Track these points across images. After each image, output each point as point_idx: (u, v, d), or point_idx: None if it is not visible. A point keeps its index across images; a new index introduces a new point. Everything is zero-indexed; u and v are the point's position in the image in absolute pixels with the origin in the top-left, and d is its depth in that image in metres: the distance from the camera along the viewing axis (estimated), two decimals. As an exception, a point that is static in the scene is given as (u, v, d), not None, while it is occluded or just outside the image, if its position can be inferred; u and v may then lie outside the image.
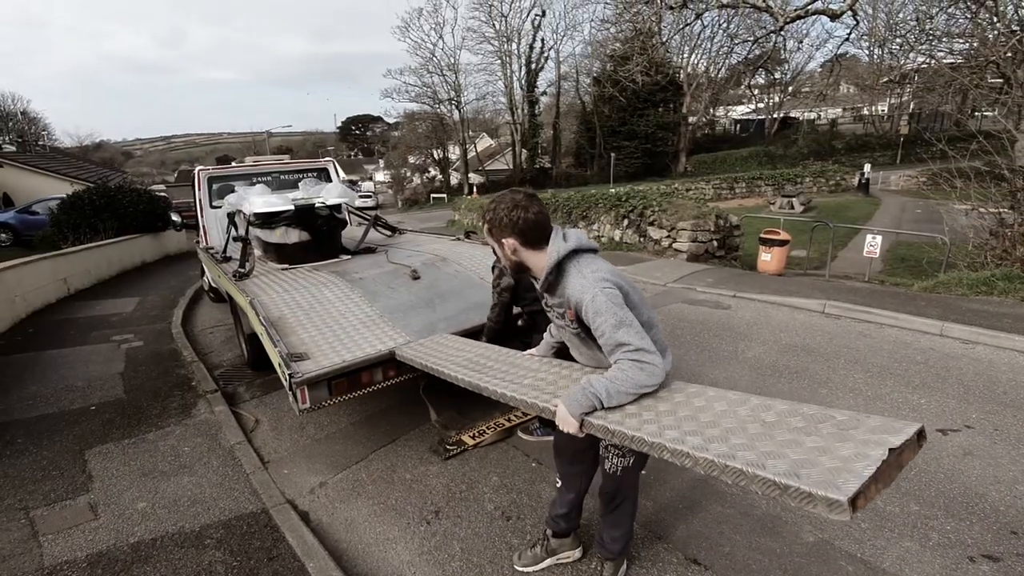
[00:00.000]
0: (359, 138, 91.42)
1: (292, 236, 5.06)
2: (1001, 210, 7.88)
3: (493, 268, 3.32)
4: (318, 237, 5.19)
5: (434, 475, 3.27)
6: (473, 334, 3.67)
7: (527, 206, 1.85)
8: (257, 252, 5.35)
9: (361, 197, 31.74)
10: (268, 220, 5.02)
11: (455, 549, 2.61)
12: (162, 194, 17.83)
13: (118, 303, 8.52)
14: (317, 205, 5.09)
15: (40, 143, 39.20)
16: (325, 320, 3.66)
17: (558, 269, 1.85)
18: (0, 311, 6.85)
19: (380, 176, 61.26)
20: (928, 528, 2.58)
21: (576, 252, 1.85)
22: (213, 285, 7.79)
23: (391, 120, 59.63)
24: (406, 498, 3.08)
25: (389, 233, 6.88)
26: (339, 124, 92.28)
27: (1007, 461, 3.09)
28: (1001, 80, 12.43)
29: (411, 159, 43.74)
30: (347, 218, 5.61)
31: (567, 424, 1.73)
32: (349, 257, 5.39)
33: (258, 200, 4.99)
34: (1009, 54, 10.96)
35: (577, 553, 2.46)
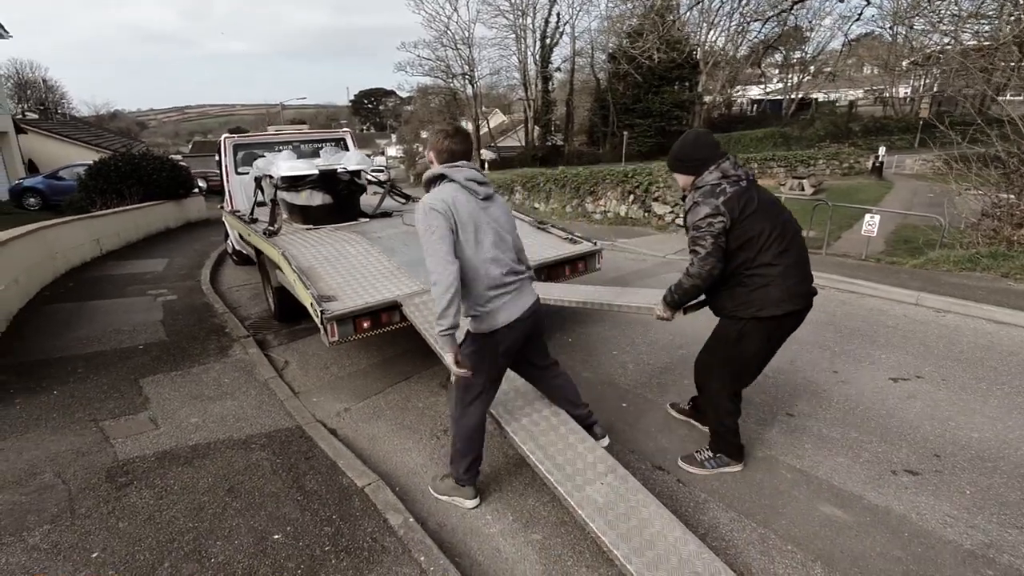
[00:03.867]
0: (371, 112, 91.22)
1: (316, 199, 5.51)
2: (998, 194, 8.13)
3: (691, 199, 2.51)
4: (339, 200, 5.65)
5: (443, 404, 3.76)
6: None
7: (454, 135, 2.38)
8: (283, 214, 5.82)
9: (373, 171, 32.12)
10: (294, 183, 5.47)
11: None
12: (182, 163, 18.39)
13: (149, 263, 9.09)
14: (339, 170, 5.52)
15: (60, 111, 39.76)
16: (349, 270, 4.14)
17: (425, 186, 2.42)
18: (43, 266, 7.42)
19: (392, 151, 61.38)
20: (861, 449, 3.03)
21: (441, 177, 2.33)
22: (237, 248, 8.31)
23: (404, 94, 59.59)
24: (419, 420, 3.58)
25: (403, 200, 7.31)
26: (352, 97, 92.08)
27: (946, 404, 3.52)
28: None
29: (423, 134, 43.83)
30: (365, 184, 6.04)
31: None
32: (367, 220, 5.84)
33: (285, 164, 5.43)
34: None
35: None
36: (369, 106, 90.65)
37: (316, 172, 5.37)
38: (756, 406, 3.56)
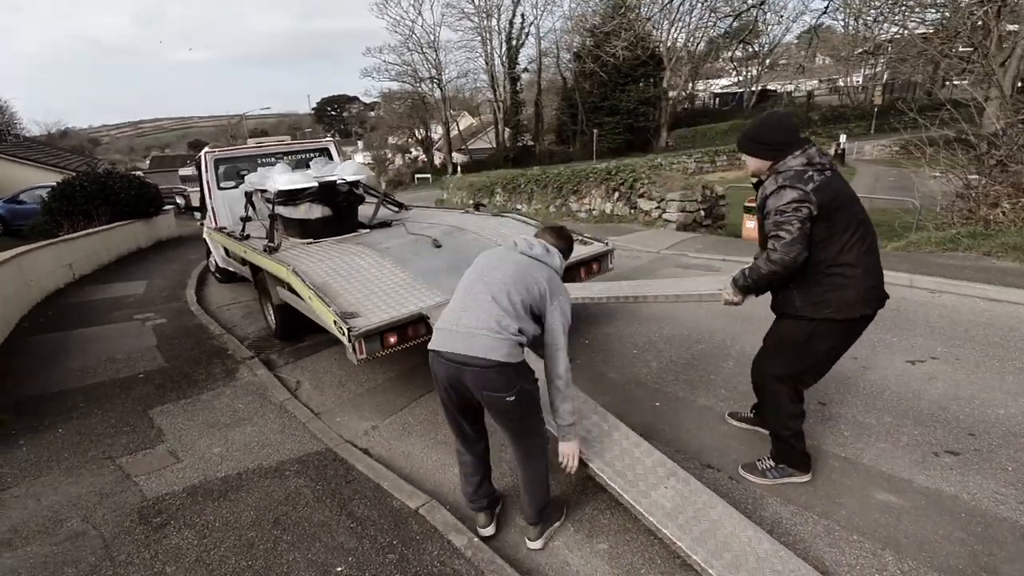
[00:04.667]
0: (335, 119, 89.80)
1: (315, 212, 5.35)
2: (968, 176, 8.48)
3: (773, 184, 2.35)
4: (338, 212, 5.50)
5: (474, 415, 3.69)
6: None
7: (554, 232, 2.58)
8: (280, 229, 5.64)
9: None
10: (291, 197, 5.30)
11: (504, 468, 3.04)
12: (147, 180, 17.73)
13: (127, 286, 8.72)
14: (339, 182, 5.38)
15: (13, 132, 37.93)
16: (365, 284, 4.02)
17: None
18: (20, 295, 7.04)
19: (360, 158, 60.50)
20: (899, 433, 3.09)
21: None
22: (222, 266, 8.04)
23: (368, 100, 58.87)
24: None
25: (396, 209, 7.19)
26: (314, 105, 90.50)
27: (966, 383, 3.62)
28: (971, 49, 13.01)
29: (391, 140, 43.42)
30: (363, 195, 5.91)
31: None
32: (368, 231, 5.71)
33: (282, 178, 5.27)
34: (979, 23, 11.49)
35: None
36: (332, 113, 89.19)
37: (316, 185, 5.22)
38: (786, 397, 3.60)
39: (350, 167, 5.86)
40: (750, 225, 9.10)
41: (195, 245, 12.17)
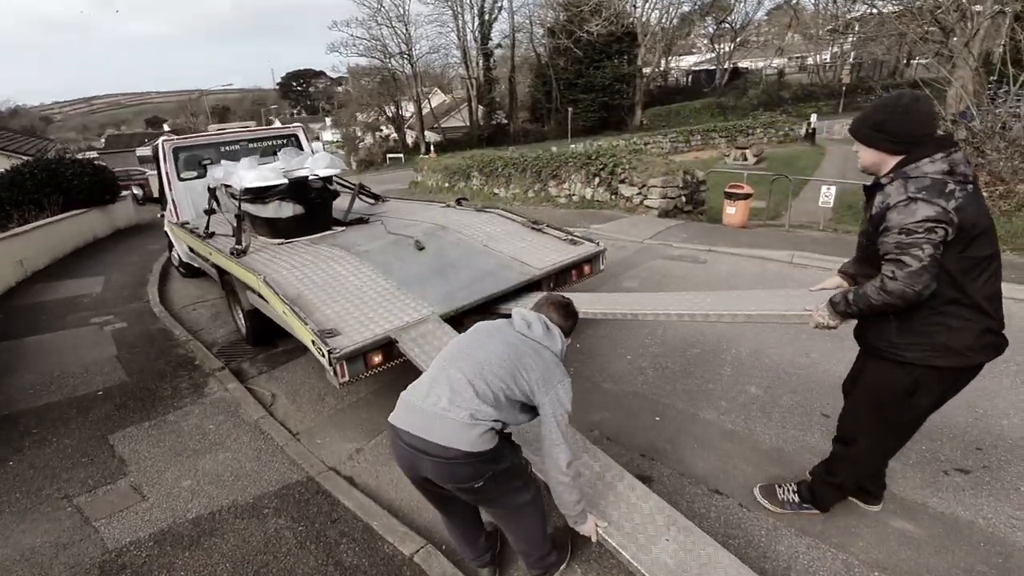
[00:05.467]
0: (301, 95, 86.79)
1: (286, 210, 4.99)
2: None
3: (898, 192, 1.85)
4: (311, 210, 5.14)
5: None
6: (492, 303, 3.85)
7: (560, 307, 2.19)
8: (248, 228, 5.26)
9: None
10: (259, 194, 4.93)
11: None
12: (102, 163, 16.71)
13: (83, 283, 8.16)
14: (311, 178, 5.02)
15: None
16: (344, 295, 3.74)
17: None
18: (-38, 298, 6.49)
19: (328, 135, 58.69)
20: (907, 449, 3.00)
21: None
22: (185, 260, 7.58)
23: (335, 75, 56.92)
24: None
25: (372, 201, 6.84)
26: (279, 80, 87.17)
27: (967, 389, 3.56)
28: (939, 29, 13.09)
29: (360, 116, 42.02)
30: (338, 190, 5.54)
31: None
32: (343, 229, 5.37)
33: (249, 174, 4.87)
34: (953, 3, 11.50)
35: None
36: (298, 89, 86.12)
37: (285, 182, 4.85)
38: (788, 408, 3.50)
39: (322, 160, 5.46)
40: (730, 211, 9.02)
41: (155, 234, 11.53)
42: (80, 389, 4.45)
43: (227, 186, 5.32)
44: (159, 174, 7.19)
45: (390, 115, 40.43)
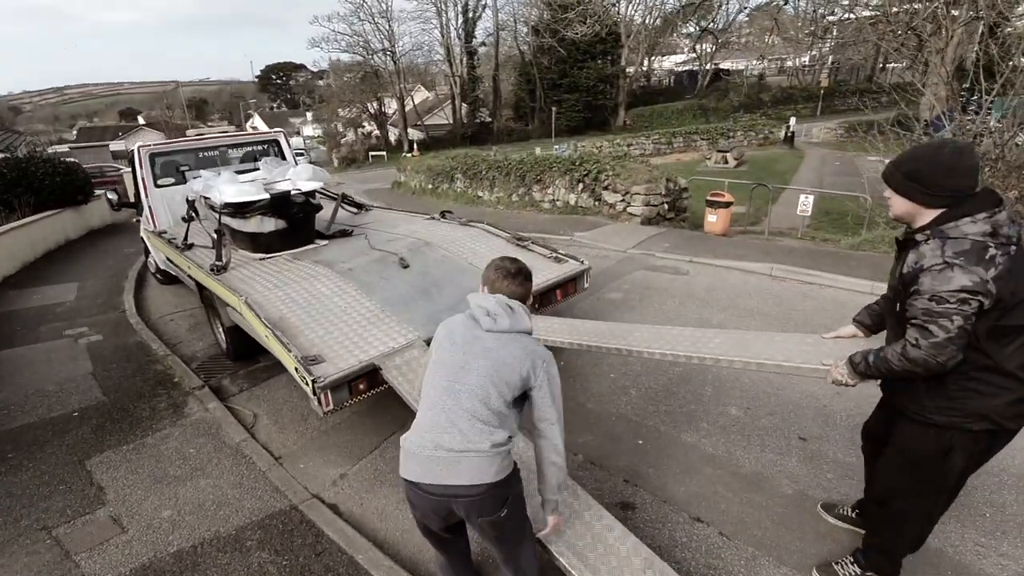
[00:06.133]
0: (281, 88, 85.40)
1: (268, 225, 4.93)
2: None
3: (934, 253, 1.75)
4: (293, 224, 5.09)
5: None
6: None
7: (509, 271, 2.05)
8: (228, 241, 5.18)
9: (296, 155, 30.07)
10: (241, 209, 4.86)
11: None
12: (73, 160, 16.26)
13: (56, 290, 7.96)
14: (293, 193, 4.96)
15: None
16: (328, 318, 3.71)
17: None
18: (-73, 309, 6.28)
19: (309, 130, 57.86)
20: (881, 475, 3.11)
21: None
22: (162, 268, 7.43)
23: (316, 69, 56.15)
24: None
25: (355, 211, 6.79)
26: (258, 72, 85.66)
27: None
28: (915, 36, 13.42)
29: (341, 112, 41.46)
30: (320, 204, 5.48)
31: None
32: (326, 243, 5.33)
33: (230, 189, 4.80)
34: (929, 14, 11.77)
35: None
36: (278, 82, 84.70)
37: (267, 197, 4.79)
38: (766, 430, 3.58)
39: (304, 172, 5.40)
40: (712, 219, 9.16)
41: (131, 235, 11.29)
42: (55, 409, 4.35)
43: (206, 198, 5.24)
44: (135, 180, 7.05)
45: (373, 112, 40.00)
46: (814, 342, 2.54)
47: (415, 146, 34.33)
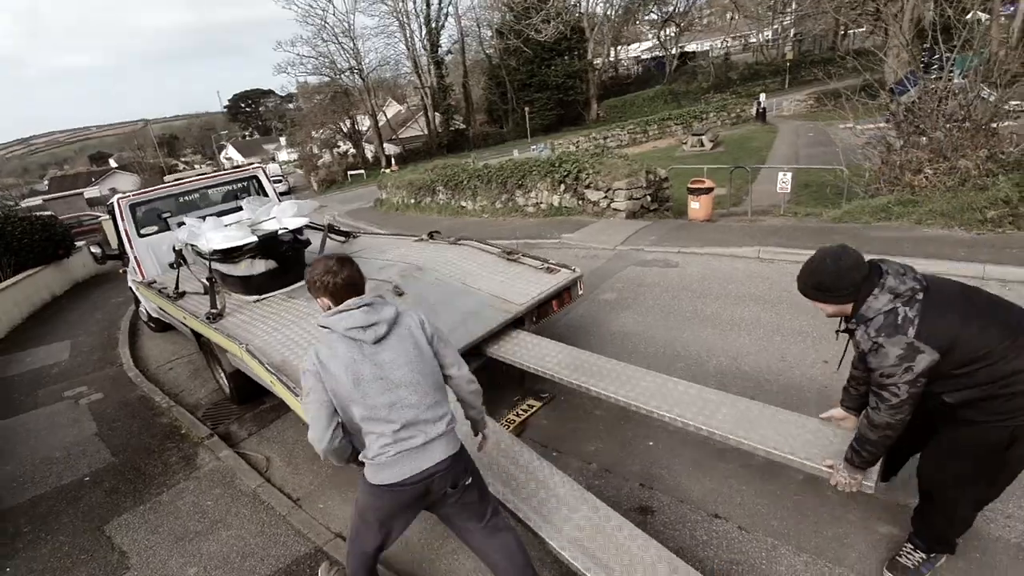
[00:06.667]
0: (251, 115, 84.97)
1: (258, 267, 4.93)
2: (879, 126, 8.96)
3: (866, 340, 2.01)
4: (284, 263, 5.10)
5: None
6: (477, 346, 3.91)
7: (337, 271, 2.08)
8: (220, 287, 5.18)
9: (274, 181, 29.80)
10: (229, 254, 4.86)
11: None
12: (49, 214, 16.11)
13: (49, 351, 7.89)
14: (280, 232, 4.98)
15: None
16: (330, 356, 3.73)
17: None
18: (-78, 386, 6.22)
19: (284, 155, 57.60)
20: (887, 451, 3.19)
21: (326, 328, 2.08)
22: (154, 315, 7.40)
23: (284, 94, 55.95)
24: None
25: (343, 239, 6.80)
26: (226, 102, 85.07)
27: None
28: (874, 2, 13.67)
29: (314, 134, 41.30)
30: (308, 240, 5.49)
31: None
32: (318, 277, 5.33)
33: (216, 236, 4.80)
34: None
35: None
36: (248, 110, 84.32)
37: (255, 240, 4.80)
38: (772, 418, 3.65)
39: (289, 208, 5.42)
40: (695, 206, 9.26)
41: (118, 284, 11.21)
42: (66, 476, 4.34)
43: (193, 246, 5.24)
44: (117, 231, 7.02)
45: (346, 131, 39.89)
46: (814, 427, 2.69)
47: (392, 161, 34.31)
